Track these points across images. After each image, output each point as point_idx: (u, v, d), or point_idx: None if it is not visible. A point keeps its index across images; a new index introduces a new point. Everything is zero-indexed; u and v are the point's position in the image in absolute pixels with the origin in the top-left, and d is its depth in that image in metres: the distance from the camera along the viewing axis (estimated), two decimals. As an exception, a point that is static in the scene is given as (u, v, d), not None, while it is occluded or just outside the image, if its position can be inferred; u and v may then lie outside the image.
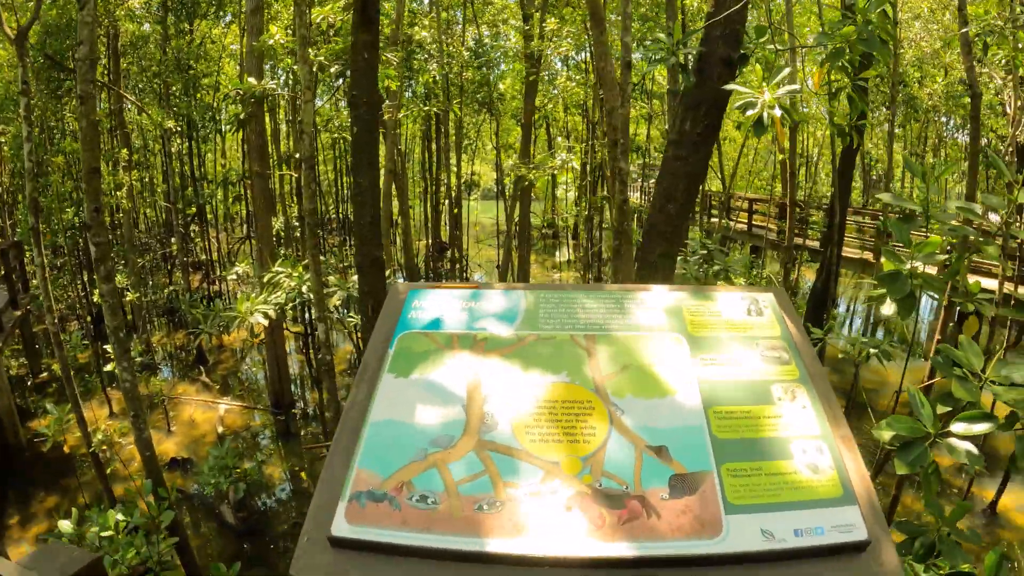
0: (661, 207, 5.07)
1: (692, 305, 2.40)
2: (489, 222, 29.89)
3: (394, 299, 2.48)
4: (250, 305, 7.93)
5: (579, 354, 2.18)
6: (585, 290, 2.54)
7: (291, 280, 8.60)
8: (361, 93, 4.52)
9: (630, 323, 2.31)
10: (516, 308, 2.37)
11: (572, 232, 28.94)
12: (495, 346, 2.20)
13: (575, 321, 2.33)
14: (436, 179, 21.77)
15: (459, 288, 2.48)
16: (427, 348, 2.21)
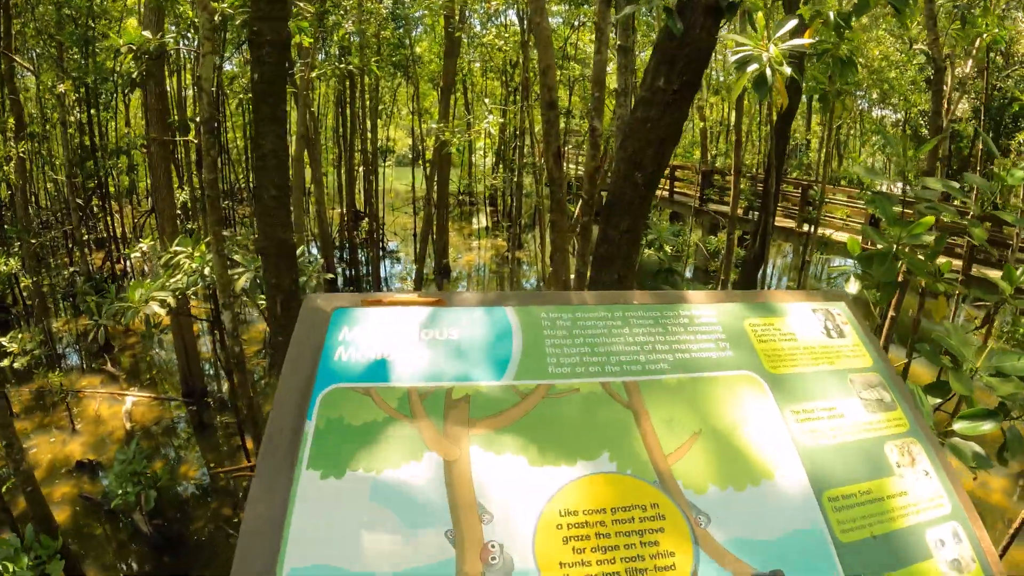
0: (626, 175, 4.24)
1: (758, 324, 1.66)
2: (404, 189, 28.71)
3: (311, 326, 1.53)
4: (144, 292, 6.67)
5: (621, 417, 1.37)
6: (603, 305, 1.65)
7: (192, 261, 7.35)
8: (265, 29, 3.41)
9: (684, 358, 1.52)
10: (507, 338, 1.49)
11: (489, 199, 28.10)
12: (485, 409, 1.35)
13: (603, 358, 1.51)
14: (350, 145, 20.40)
15: (410, 303, 1.55)
16: (371, 417, 1.33)
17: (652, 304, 1.70)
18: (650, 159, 4.13)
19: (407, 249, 22.84)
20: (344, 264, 20.32)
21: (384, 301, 1.56)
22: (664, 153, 4.23)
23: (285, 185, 3.55)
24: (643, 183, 4.20)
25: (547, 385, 1.38)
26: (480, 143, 23.36)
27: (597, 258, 4.34)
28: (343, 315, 1.51)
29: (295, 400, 1.34)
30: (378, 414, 1.29)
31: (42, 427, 10.85)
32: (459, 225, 26.32)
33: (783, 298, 1.82)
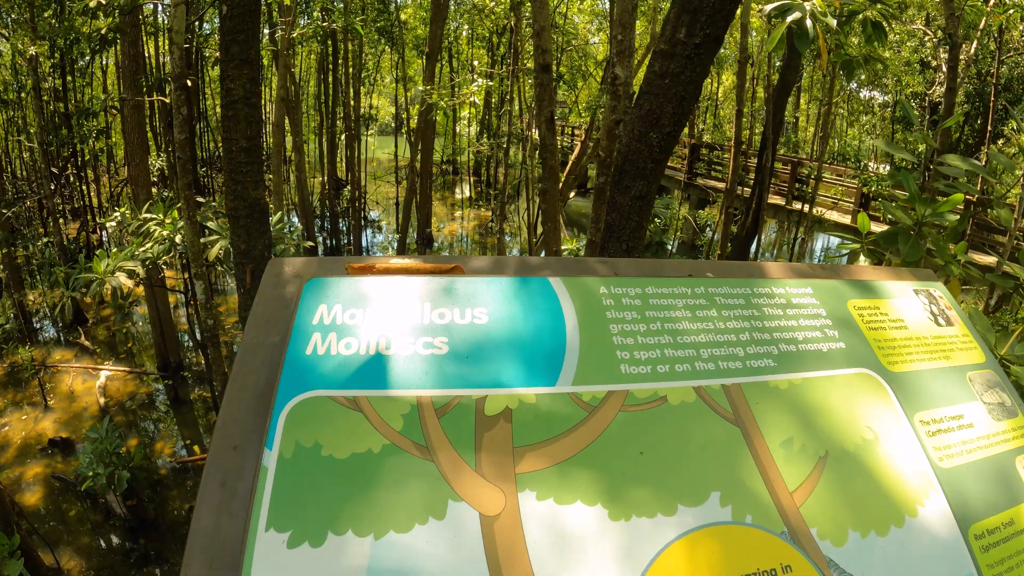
0: (641, 135, 3.78)
1: (864, 308, 1.34)
2: (386, 158, 28.02)
3: (275, 303, 1.08)
4: (111, 263, 6.13)
5: (727, 437, 1.00)
6: (680, 279, 1.22)
7: (163, 229, 6.80)
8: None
9: (790, 351, 1.17)
10: (556, 322, 1.06)
11: (473, 169, 27.59)
12: (534, 431, 0.95)
13: (691, 352, 1.11)
14: (332, 112, 19.69)
15: (414, 270, 1.08)
16: (363, 445, 0.92)
17: (737, 279, 1.28)
18: (668, 118, 3.70)
19: (389, 219, 22.26)
20: (325, 233, 19.75)
21: (377, 267, 1.10)
22: (684, 112, 3.80)
23: (257, 137, 3.03)
24: (659, 144, 3.76)
25: (621, 393, 0.95)
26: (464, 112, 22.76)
27: (605, 227, 3.92)
28: (320, 288, 1.04)
29: (247, 418, 0.89)
30: (374, 440, 0.84)
31: (14, 404, 10.31)
32: (442, 195, 25.76)
33: (874, 275, 1.49)
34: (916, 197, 2.36)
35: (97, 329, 13.26)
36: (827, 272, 1.47)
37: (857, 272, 1.52)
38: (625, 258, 1.59)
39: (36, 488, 8.35)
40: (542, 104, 6.69)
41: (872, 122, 21.49)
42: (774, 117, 9.71)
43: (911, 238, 2.34)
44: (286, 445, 0.85)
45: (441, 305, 0.99)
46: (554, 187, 6.77)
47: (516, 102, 14.35)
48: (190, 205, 5.97)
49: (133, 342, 13.00)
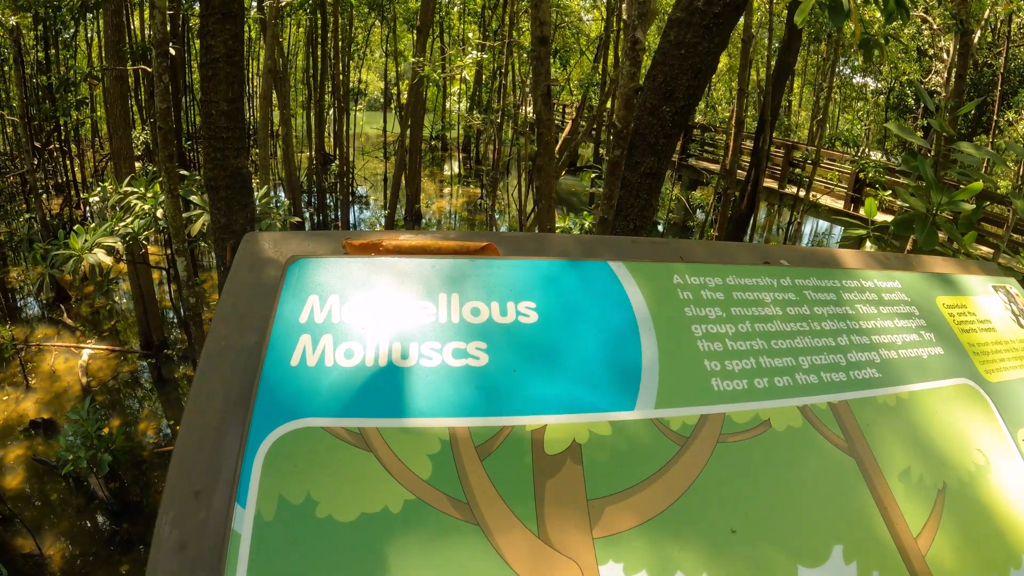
0: (653, 109, 3.56)
1: (952, 306, 1.18)
2: (375, 133, 27.50)
3: (251, 292, 0.81)
4: (89, 239, 5.81)
5: (843, 471, 0.81)
6: (760, 267, 1.00)
7: (145, 203, 6.48)
8: None
9: (891, 357, 1.00)
10: (627, 323, 0.80)
11: (462, 145, 27.21)
12: (614, 474, 0.71)
13: (790, 360, 0.89)
14: (320, 87, 19.21)
15: (432, 249, 0.82)
16: (378, 501, 0.59)
17: (820, 269, 1.06)
18: (683, 90, 3.47)
19: (377, 195, 21.87)
20: (312, 209, 19.38)
21: (385, 245, 0.83)
22: (699, 85, 3.56)
23: (239, 100, 2.74)
24: (672, 118, 3.53)
25: (717, 417, 0.72)
26: (455, 88, 22.32)
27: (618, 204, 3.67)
28: (309, 272, 0.78)
29: (213, 452, 0.64)
30: (392, 492, 0.59)
31: (-6, 384, 9.98)
32: (431, 171, 25.36)
33: (945, 267, 1.33)
34: (933, 184, 2.27)
35: (80, 307, 12.90)
36: (901, 262, 1.29)
37: (928, 263, 1.33)
38: (686, 240, 1.33)
39: (17, 471, 8.07)
40: (539, 78, 6.40)
41: (865, 108, 21.27)
42: (772, 99, 9.45)
43: (927, 225, 2.25)
44: (266, 500, 0.59)
45: (474, 297, 0.74)
46: (550, 163, 6.49)
47: (509, 75, 13.99)
48: (171, 178, 5.65)
49: (117, 319, 12.65)
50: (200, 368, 0.79)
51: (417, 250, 0.80)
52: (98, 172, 20.89)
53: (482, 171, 22.38)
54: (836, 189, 13.38)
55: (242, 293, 0.85)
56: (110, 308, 13.10)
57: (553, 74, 20.96)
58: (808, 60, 22.15)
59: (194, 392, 0.77)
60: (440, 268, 0.77)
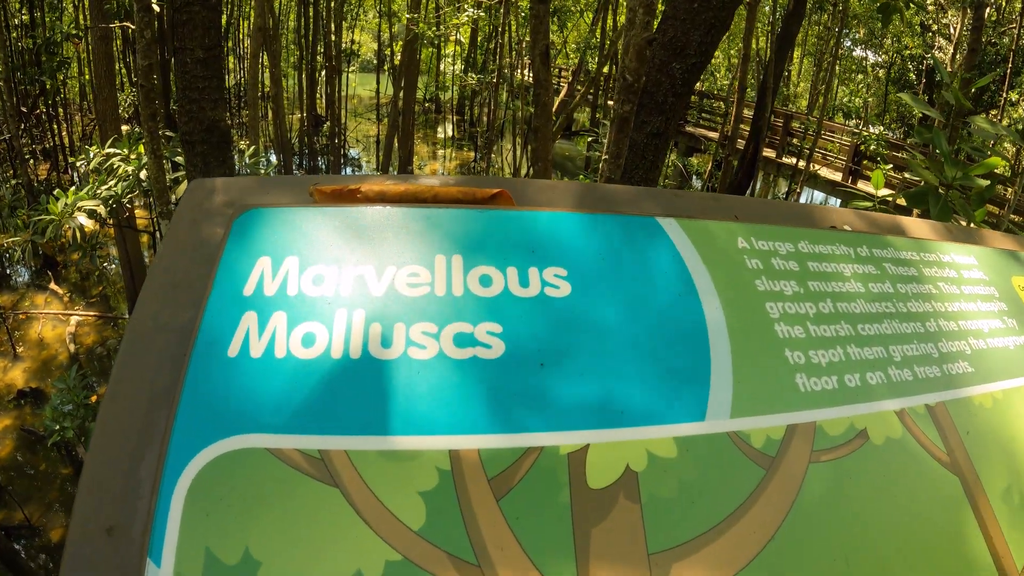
0: (662, 65, 3.37)
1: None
2: (367, 95, 26.96)
3: (188, 246, 0.60)
4: (69, 203, 5.57)
5: (945, 491, 0.60)
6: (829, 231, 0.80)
7: (128, 165, 6.23)
8: None
9: (982, 348, 0.82)
10: (686, 293, 0.55)
11: (456, 108, 26.77)
12: (682, 512, 0.47)
13: (880, 351, 0.69)
14: (312, 47, 18.73)
15: (420, 195, 0.62)
16: (347, 565, 0.38)
17: (894, 238, 0.87)
18: (695, 47, 3.27)
19: (370, 157, 21.52)
20: (303, 171, 19.08)
21: (364, 192, 0.63)
22: (712, 42, 3.35)
23: (216, 47, 2.50)
24: (681, 76, 3.33)
25: (807, 428, 0.51)
26: (449, 49, 21.83)
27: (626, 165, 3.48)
28: (262, 226, 0.57)
29: (128, 477, 0.45)
30: (369, 551, 0.40)
31: (-19, 353, 9.78)
32: (424, 133, 24.95)
33: (1004, 242, 1.16)
34: (947, 157, 2.21)
35: (69, 273, 12.66)
36: (966, 234, 1.11)
37: (989, 237, 1.15)
38: (739, 196, 1.09)
39: (5, 441, 7.93)
40: (537, 37, 6.13)
41: (866, 82, 20.95)
42: (776, 67, 9.18)
43: (941, 199, 2.17)
44: (187, 556, 0.41)
45: (483, 261, 0.54)
46: (547, 125, 6.26)
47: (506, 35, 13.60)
48: (154, 138, 5.39)
49: (105, 285, 12.42)
50: (120, 356, 0.60)
51: (407, 197, 0.60)
52: (86, 136, 20.49)
53: (476, 133, 22.00)
54: (835, 161, 13.17)
55: (179, 256, 0.65)
56: (98, 274, 12.85)
57: (550, 37, 20.51)
58: (809, 31, 21.77)
59: (111, 388, 0.58)
60: (437, 221, 0.57)
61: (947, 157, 2.24)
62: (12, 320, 10.21)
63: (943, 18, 16.75)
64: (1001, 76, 12.67)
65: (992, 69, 15.23)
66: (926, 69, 16.50)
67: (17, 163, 17.42)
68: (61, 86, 19.43)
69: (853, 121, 19.30)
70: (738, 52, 20.28)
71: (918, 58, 18.11)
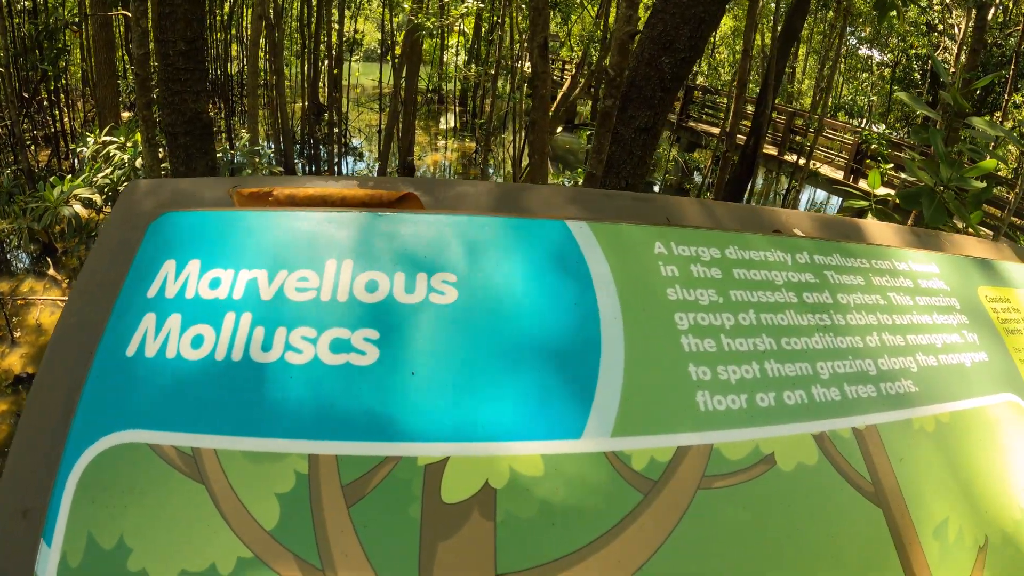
0: (651, 60, 3.34)
1: (995, 299, 0.94)
2: (371, 84, 26.93)
3: (112, 248, 0.60)
4: (65, 190, 5.58)
5: (864, 525, 0.57)
6: (763, 236, 0.78)
7: (125, 153, 6.25)
8: None
9: (930, 365, 0.77)
10: (584, 303, 0.54)
11: (459, 99, 26.68)
12: (539, 536, 0.44)
13: (804, 368, 0.65)
14: (315, 37, 18.70)
15: (330, 198, 0.62)
16: (202, 557, 0.41)
17: (844, 243, 0.85)
18: (684, 41, 3.24)
19: (371, 147, 21.48)
20: (304, 160, 19.06)
21: (276, 195, 0.64)
22: (702, 36, 3.32)
23: (198, 39, 2.50)
24: (671, 71, 3.31)
25: (701, 451, 0.51)
26: (452, 40, 21.75)
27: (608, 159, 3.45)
28: (174, 230, 0.58)
29: (43, 466, 0.46)
30: (224, 544, 0.40)
31: (-22, 339, 9.78)
32: (426, 124, 24.89)
33: (977, 248, 1.12)
34: (943, 158, 2.19)
35: (68, 259, 12.67)
36: (933, 240, 1.05)
37: (959, 244, 1.10)
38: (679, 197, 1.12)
39: (2, 427, 7.94)
40: (536, 29, 6.10)
41: (870, 80, 20.87)
42: (778, 63, 9.13)
43: (936, 199, 2.16)
44: (74, 540, 0.42)
45: (373, 266, 0.54)
46: (544, 118, 6.25)
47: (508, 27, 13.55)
48: (149, 126, 5.40)
49: (105, 272, 12.44)
50: (49, 347, 0.62)
51: (315, 200, 0.60)
52: (87, 122, 20.48)
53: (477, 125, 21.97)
54: (836, 159, 13.11)
55: (103, 257, 0.66)
56: (98, 260, 12.84)
57: (553, 29, 20.38)
58: (814, 28, 21.69)
59: (37, 380, 0.60)
60: (337, 225, 0.57)
61: (943, 158, 2.21)
62: (11, 306, 10.22)
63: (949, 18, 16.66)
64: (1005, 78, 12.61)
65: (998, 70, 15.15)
66: (931, 69, 16.45)
67: (18, 149, 17.43)
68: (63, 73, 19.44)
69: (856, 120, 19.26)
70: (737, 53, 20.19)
71: (923, 57, 18.04)
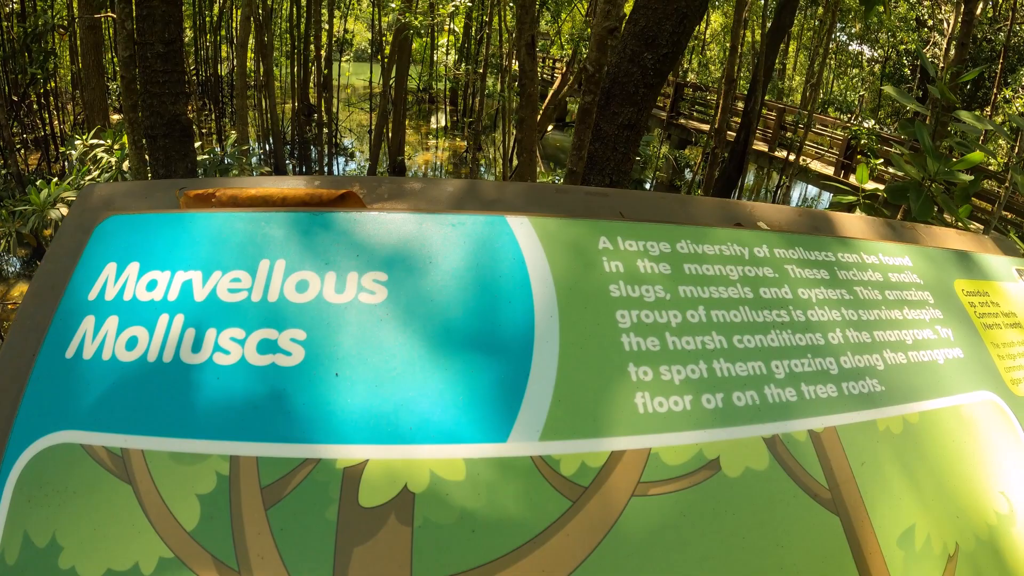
0: (634, 56, 3.32)
1: (973, 294, 0.91)
2: (361, 84, 26.86)
3: (62, 251, 0.60)
4: (51, 194, 5.55)
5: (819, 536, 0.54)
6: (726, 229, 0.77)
7: (112, 156, 6.22)
8: None
9: (899, 363, 0.73)
10: (519, 300, 0.56)
11: (449, 98, 26.64)
12: (458, 542, 0.45)
13: (757, 368, 0.62)
14: (305, 36, 18.63)
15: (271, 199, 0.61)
16: (126, 556, 0.43)
17: (810, 236, 0.82)
18: (666, 37, 3.22)
19: (362, 147, 21.43)
20: (294, 160, 19.03)
21: (219, 197, 0.63)
22: (685, 32, 3.31)
23: (176, 41, 2.49)
24: (653, 67, 3.29)
25: (637, 455, 0.50)
26: (443, 39, 21.69)
27: (587, 156, 3.44)
28: (119, 232, 0.58)
29: None
30: (146, 544, 0.40)
31: (-34, 339, 9.76)
32: (417, 123, 24.83)
33: (959, 241, 1.08)
34: (930, 151, 2.15)
35: (57, 260, 12.60)
36: (910, 233, 1.02)
37: (940, 236, 1.07)
38: (636, 190, 1.11)
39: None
40: (523, 27, 6.08)
41: (861, 76, 20.91)
42: (766, 60, 9.11)
43: (923, 194, 2.15)
44: (11, 538, 0.43)
45: (305, 266, 0.54)
46: (532, 116, 6.23)
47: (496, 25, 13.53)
48: (135, 128, 5.37)
49: (95, 275, 12.37)
50: (3, 347, 0.62)
51: (256, 201, 0.60)
52: (77, 125, 20.39)
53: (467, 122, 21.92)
54: (827, 155, 13.14)
55: (54, 260, 0.67)
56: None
57: (543, 27, 20.36)
58: (804, 24, 21.73)
59: None
60: (274, 226, 0.57)
61: (930, 152, 2.19)
62: (1, 310, 10.18)
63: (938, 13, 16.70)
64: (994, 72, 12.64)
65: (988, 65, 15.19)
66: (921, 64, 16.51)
67: (7, 153, 17.31)
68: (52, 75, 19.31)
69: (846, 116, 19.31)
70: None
71: (913, 53, 18.10)
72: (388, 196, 0.63)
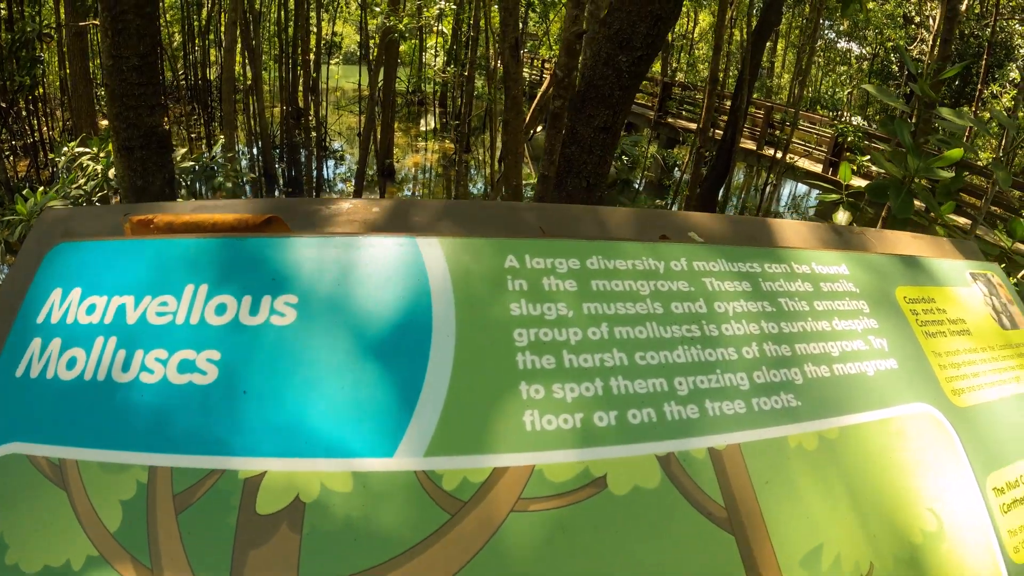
0: (608, 58, 3.34)
1: (916, 300, 0.90)
2: (350, 87, 26.89)
3: (18, 275, 0.66)
4: (37, 203, 5.57)
5: (711, 555, 0.55)
6: (644, 244, 0.78)
7: (98, 163, 6.24)
8: None
9: (822, 377, 0.73)
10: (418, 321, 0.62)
11: (439, 99, 26.60)
12: (343, 550, 0.50)
13: (658, 385, 0.64)
14: (293, 40, 18.63)
15: (202, 225, 0.68)
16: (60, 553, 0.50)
17: (737, 248, 0.84)
18: (641, 39, 3.24)
19: (352, 149, 21.46)
20: (283, 164, 19.01)
21: (157, 223, 0.69)
22: (659, 34, 3.33)
23: (151, 54, 2.54)
24: (628, 69, 3.32)
25: (518, 472, 0.55)
26: (431, 42, 21.71)
27: (563, 160, 3.48)
28: (67, 258, 0.65)
29: None
30: (77, 544, 0.47)
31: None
32: (406, 125, 24.84)
33: (914, 246, 1.07)
34: (910, 149, 2.14)
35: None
36: (856, 238, 1.02)
37: (892, 241, 1.06)
38: (567, 204, 1.16)
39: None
40: (507, 29, 6.12)
41: (848, 73, 21.02)
42: (752, 58, 9.17)
43: (903, 192, 2.13)
44: None
45: (224, 290, 0.60)
46: (517, 119, 6.27)
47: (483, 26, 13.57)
48: (120, 136, 5.40)
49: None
50: None
51: (189, 227, 0.66)
52: (66, 131, 20.33)
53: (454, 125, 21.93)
54: (815, 152, 13.22)
55: (13, 282, 0.73)
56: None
57: (532, 28, 20.42)
58: (792, 23, 21.80)
59: None
60: (202, 252, 0.63)
61: (910, 148, 2.17)
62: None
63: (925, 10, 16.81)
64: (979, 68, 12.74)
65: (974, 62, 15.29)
66: (906, 60, 16.70)
67: (-2, 160, 17.23)
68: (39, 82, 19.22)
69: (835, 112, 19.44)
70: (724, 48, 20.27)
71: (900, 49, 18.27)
72: (310, 220, 0.69)
